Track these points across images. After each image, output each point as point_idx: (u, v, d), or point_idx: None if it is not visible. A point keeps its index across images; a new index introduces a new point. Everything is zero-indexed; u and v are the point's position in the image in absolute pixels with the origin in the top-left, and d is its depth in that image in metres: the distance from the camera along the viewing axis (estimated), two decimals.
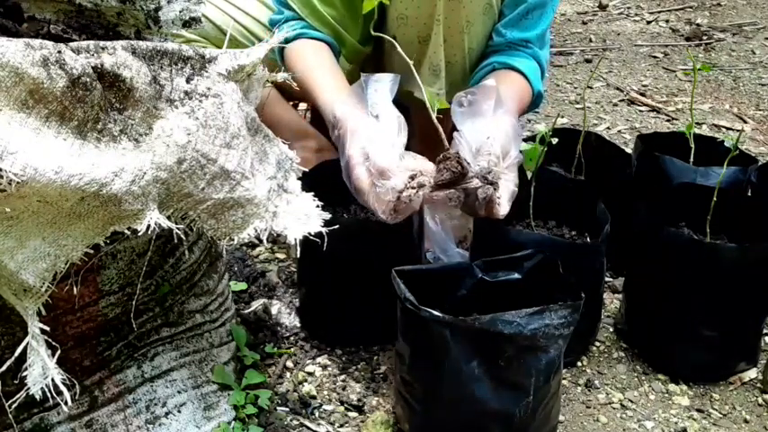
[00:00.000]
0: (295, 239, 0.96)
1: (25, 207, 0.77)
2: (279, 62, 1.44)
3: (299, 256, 1.09)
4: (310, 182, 1.05)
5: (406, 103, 1.49)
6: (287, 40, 1.39)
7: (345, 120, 1.23)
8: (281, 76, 1.10)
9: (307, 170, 1.07)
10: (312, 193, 1.02)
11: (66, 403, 0.86)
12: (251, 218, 0.94)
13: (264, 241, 0.96)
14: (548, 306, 1.06)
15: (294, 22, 1.44)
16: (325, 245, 0.96)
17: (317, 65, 1.39)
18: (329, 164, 1.37)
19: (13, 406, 0.87)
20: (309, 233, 0.97)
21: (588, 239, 1.39)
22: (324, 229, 0.98)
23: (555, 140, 1.29)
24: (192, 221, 0.91)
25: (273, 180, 0.97)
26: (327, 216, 1.00)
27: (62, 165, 0.76)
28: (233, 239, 0.94)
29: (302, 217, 1.00)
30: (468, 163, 1.14)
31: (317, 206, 1.01)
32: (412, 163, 1.17)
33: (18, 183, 0.72)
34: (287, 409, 1.26)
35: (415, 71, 1.26)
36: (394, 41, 1.28)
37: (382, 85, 1.25)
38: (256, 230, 0.95)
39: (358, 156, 1.18)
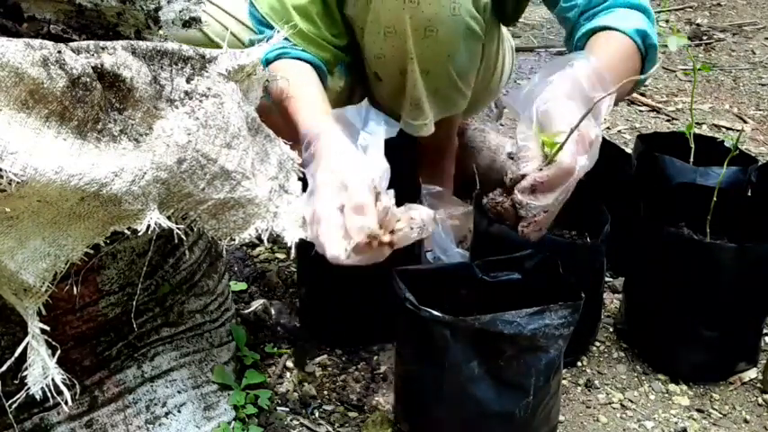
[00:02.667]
0: (292, 242, 0.96)
1: (25, 207, 0.77)
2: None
3: (297, 256, 1.08)
4: None
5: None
6: (267, 61, 1.28)
7: (327, 141, 1.07)
8: (280, 77, 1.10)
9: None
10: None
11: (66, 403, 0.86)
12: (252, 218, 0.94)
13: (265, 241, 0.96)
14: (548, 306, 1.06)
15: (273, 42, 1.35)
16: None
17: (300, 83, 1.24)
18: None
19: (14, 406, 0.87)
20: (306, 237, 0.97)
21: (588, 239, 1.39)
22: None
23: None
24: (192, 221, 0.91)
25: (275, 180, 0.97)
26: None
27: (62, 165, 0.76)
28: (234, 239, 0.94)
29: (300, 219, 1.00)
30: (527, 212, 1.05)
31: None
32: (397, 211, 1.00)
33: (18, 183, 0.72)
34: (287, 409, 1.26)
35: None
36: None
37: (382, 130, 1.10)
38: (257, 231, 0.95)
39: (329, 180, 1.01)
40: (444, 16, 1.30)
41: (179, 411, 1.14)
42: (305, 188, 1.03)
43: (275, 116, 1.23)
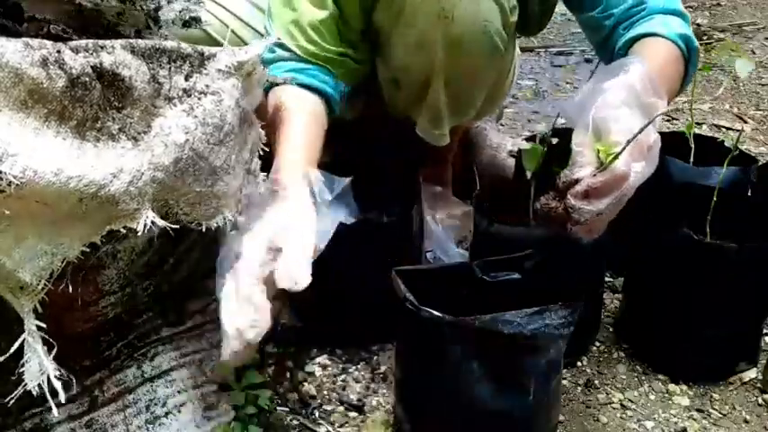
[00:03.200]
0: None
1: (24, 208, 0.77)
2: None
3: None
4: None
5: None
6: (274, 84, 1.25)
7: (291, 195, 1.06)
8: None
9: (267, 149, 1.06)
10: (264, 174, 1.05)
11: (62, 400, 0.86)
12: (222, 208, 0.96)
13: (228, 229, 0.98)
14: (548, 306, 1.06)
15: (283, 63, 1.30)
16: None
17: (295, 120, 1.20)
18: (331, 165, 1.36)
19: (14, 405, 0.87)
20: None
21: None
22: None
23: (555, 140, 1.28)
24: (169, 209, 0.92)
25: (246, 165, 0.99)
26: None
27: (61, 166, 0.76)
28: (201, 225, 0.95)
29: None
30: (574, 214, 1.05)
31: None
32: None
33: (18, 185, 0.72)
34: (287, 409, 1.27)
35: None
36: None
37: (340, 217, 1.10)
38: (224, 219, 0.96)
39: (264, 241, 1.00)
40: (475, 34, 1.31)
41: (179, 411, 1.14)
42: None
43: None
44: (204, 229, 0.96)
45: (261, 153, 1.05)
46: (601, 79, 1.12)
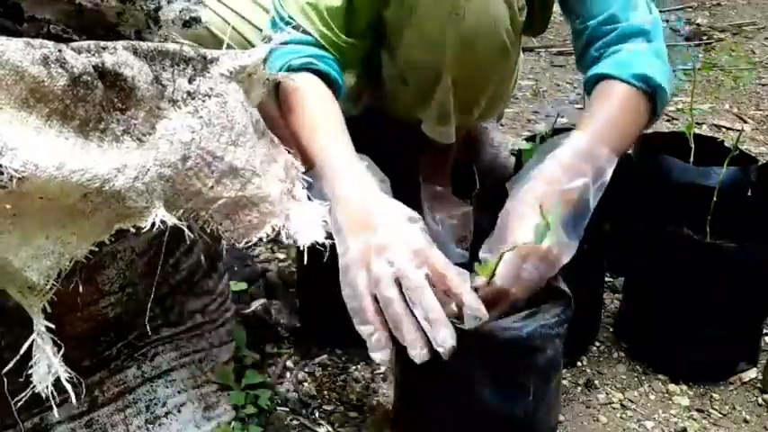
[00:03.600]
0: (304, 246, 0.97)
1: (28, 205, 0.77)
2: (272, 93, 1.22)
3: (297, 257, 1.08)
4: None
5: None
6: (291, 68, 1.22)
7: (351, 181, 1.07)
8: (281, 76, 1.10)
9: (311, 179, 1.06)
10: (318, 202, 1.03)
11: (71, 401, 0.86)
12: (267, 217, 0.94)
13: (284, 238, 0.96)
14: (540, 307, 1.07)
15: (302, 48, 1.27)
16: (327, 253, 0.97)
17: (321, 106, 1.22)
18: None
19: (18, 405, 0.87)
20: (317, 241, 0.97)
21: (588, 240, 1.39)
22: (328, 242, 0.98)
23: None
24: (205, 222, 0.91)
25: (284, 184, 0.97)
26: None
27: (63, 161, 0.76)
28: (251, 240, 0.94)
29: (309, 224, 1.00)
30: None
31: (324, 214, 1.01)
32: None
33: (19, 179, 0.72)
34: (287, 409, 1.27)
35: None
36: None
37: None
38: (273, 229, 0.94)
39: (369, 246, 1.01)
40: (485, 32, 1.32)
41: (179, 411, 1.14)
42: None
43: (273, 113, 1.23)
44: (255, 242, 0.94)
45: (304, 184, 1.03)
46: (534, 162, 1.17)
